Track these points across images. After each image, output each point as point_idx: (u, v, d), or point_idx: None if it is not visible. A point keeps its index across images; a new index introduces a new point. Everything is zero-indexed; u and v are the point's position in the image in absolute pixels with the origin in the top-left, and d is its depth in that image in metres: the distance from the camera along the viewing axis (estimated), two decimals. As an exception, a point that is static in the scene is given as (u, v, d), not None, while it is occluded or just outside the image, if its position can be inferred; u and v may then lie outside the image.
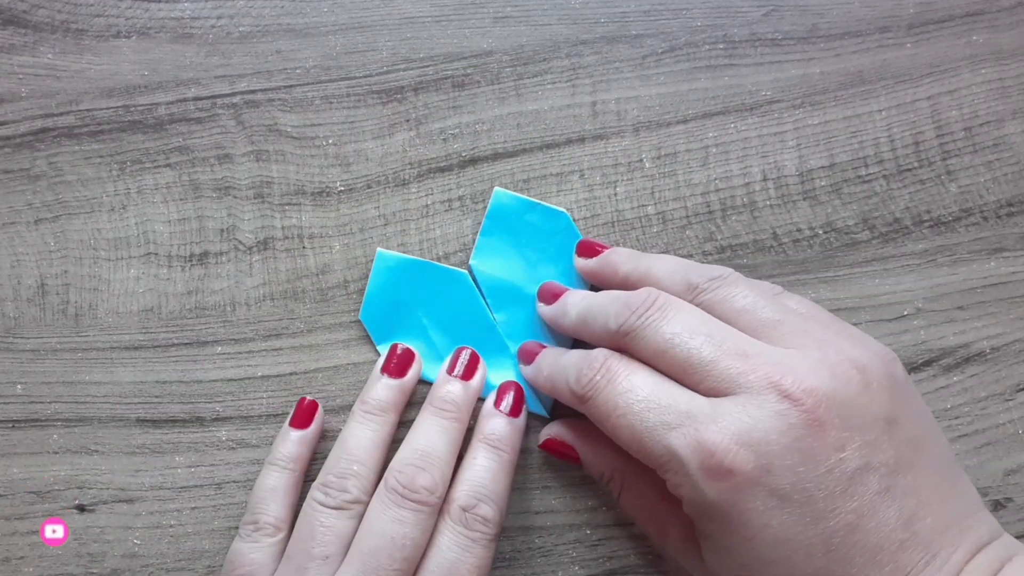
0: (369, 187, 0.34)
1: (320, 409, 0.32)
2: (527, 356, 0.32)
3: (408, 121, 0.34)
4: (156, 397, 0.33)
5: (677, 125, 0.35)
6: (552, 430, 0.32)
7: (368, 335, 0.33)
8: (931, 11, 0.35)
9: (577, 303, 0.30)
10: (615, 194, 0.34)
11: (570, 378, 0.28)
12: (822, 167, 0.34)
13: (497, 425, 0.30)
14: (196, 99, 0.34)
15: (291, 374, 0.33)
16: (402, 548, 0.27)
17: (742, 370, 0.24)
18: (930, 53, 0.35)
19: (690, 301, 0.28)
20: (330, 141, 0.34)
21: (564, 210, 0.34)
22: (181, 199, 0.34)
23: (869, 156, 0.35)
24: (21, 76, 0.35)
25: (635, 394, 0.25)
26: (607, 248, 0.32)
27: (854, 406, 0.24)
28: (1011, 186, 0.34)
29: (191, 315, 0.33)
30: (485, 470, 0.29)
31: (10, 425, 0.33)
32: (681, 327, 0.26)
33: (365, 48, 0.35)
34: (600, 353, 0.27)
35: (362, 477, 0.28)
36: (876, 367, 0.25)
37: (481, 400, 0.32)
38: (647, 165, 0.34)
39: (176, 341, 0.33)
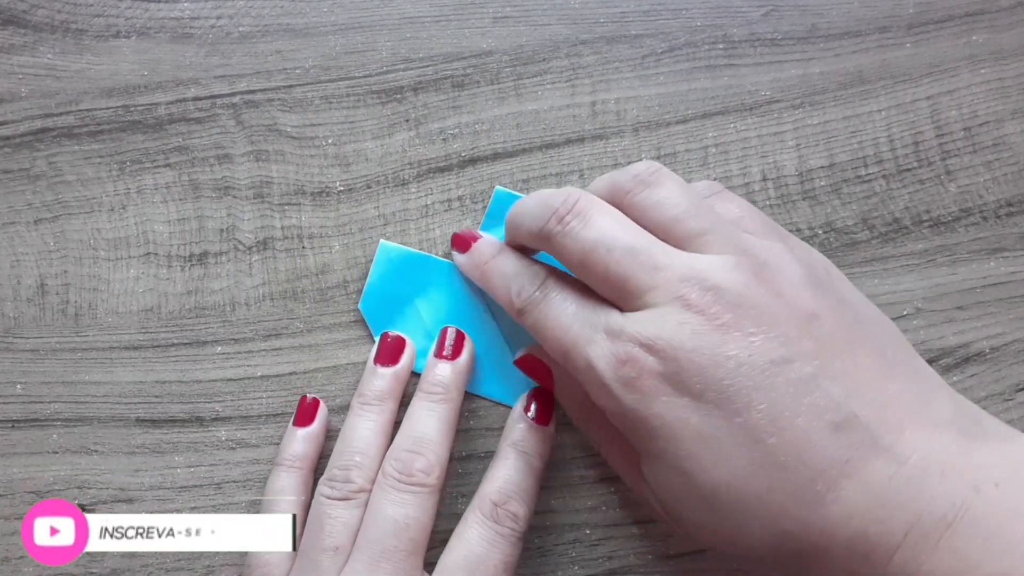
0: (369, 187, 0.34)
1: (322, 406, 0.32)
2: (462, 243, 0.32)
3: (408, 121, 0.34)
4: (156, 397, 0.33)
5: (677, 125, 0.35)
6: (533, 349, 0.32)
7: (366, 328, 0.33)
8: (931, 11, 0.35)
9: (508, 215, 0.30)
10: (615, 194, 0.34)
11: (511, 289, 0.29)
12: (822, 167, 0.34)
13: (525, 432, 0.31)
14: (196, 99, 0.34)
15: (291, 374, 0.33)
16: (406, 528, 0.27)
17: (652, 284, 0.25)
18: (930, 53, 0.35)
19: (618, 205, 0.27)
20: (330, 141, 0.34)
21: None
22: (181, 199, 0.34)
23: (869, 156, 0.35)
24: (21, 76, 0.35)
25: (564, 310, 0.27)
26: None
27: (765, 307, 0.24)
28: (1011, 186, 0.34)
29: (191, 315, 0.33)
30: (516, 471, 0.30)
31: (10, 425, 0.33)
32: (600, 235, 0.26)
33: (365, 48, 0.35)
34: (540, 270, 0.29)
35: (365, 467, 0.29)
36: (794, 269, 0.25)
37: (507, 406, 0.32)
38: (647, 165, 0.34)
39: (176, 341, 0.33)
